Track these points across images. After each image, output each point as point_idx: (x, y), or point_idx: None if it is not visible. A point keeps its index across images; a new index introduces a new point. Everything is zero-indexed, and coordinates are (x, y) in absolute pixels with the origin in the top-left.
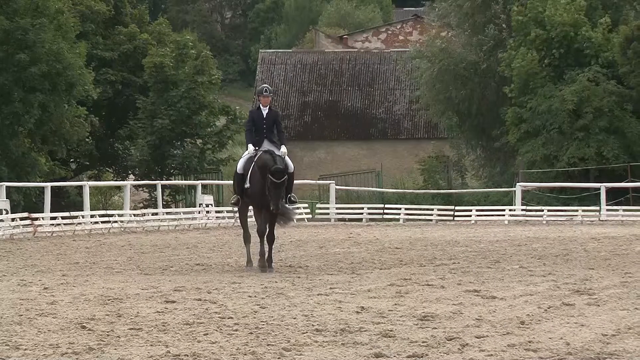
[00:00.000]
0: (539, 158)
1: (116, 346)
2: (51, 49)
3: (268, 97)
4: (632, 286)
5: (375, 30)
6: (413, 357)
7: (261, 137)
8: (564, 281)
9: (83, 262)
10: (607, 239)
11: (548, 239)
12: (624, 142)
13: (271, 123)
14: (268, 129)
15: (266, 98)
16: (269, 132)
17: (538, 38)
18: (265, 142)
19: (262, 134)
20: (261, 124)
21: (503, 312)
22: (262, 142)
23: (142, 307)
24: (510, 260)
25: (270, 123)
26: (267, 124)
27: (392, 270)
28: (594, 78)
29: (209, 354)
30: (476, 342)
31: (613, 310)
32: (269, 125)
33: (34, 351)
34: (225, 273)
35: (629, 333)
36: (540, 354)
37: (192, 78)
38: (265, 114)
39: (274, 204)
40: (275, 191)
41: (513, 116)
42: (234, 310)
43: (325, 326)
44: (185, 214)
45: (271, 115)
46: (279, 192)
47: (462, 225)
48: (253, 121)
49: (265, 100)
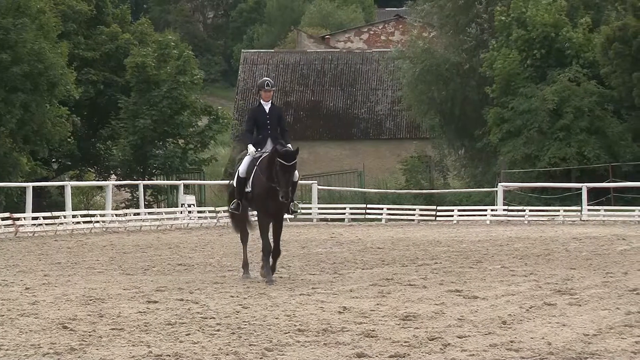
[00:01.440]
0: (520, 158)
1: (98, 346)
2: (33, 48)
3: (270, 91)
4: (614, 286)
5: (357, 30)
6: (395, 357)
7: (265, 135)
8: (546, 281)
9: (65, 262)
10: (588, 239)
11: (530, 239)
12: (605, 142)
13: (275, 120)
14: (272, 127)
15: (268, 92)
16: (274, 129)
17: (520, 38)
18: (269, 142)
19: (266, 132)
20: (264, 121)
21: (485, 312)
22: (265, 141)
23: (124, 307)
24: (492, 260)
25: (275, 120)
26: (271, 121)
27: (374, 270)
28: (575, 78)
29: (191, 354)
30: (458, 342)
31: (594, 310)
32: (273, 122)
33: (16, 351)
34: (208, 273)
35: (610, 333)
36: (522, 353)
37: (174, 78)
38: (268, 110)
39: (283, 191)
40: (285, 176)
41: (495, 116)
42: (216, 310)
43: (307, 326)
44: (168, 214)
45: (275, 111)
46: (288, 177)
47: (444, 225)
48: (255, 119)
49: (267, 94)
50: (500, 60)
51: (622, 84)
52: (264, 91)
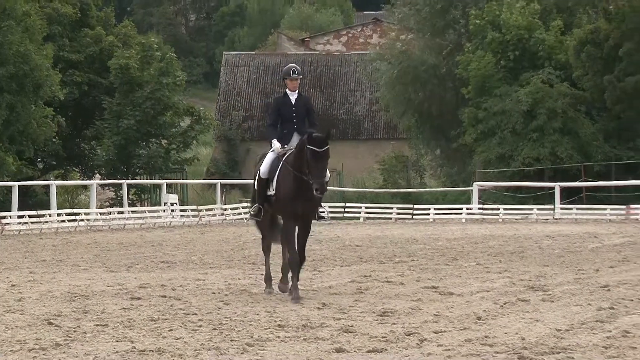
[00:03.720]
0: (494, 158)
1: (82, 342)
2: (18, 50)
3: (297, 80)
4: (585, 282)
5: (336, 33)
6: (373, 352)
7: (290, 129)
8: (519, 278)
9: (50, 260)
10: (561, 237)
11: (504, 237)
12: (578, 142)
13: (302, 111)
14: (299, 119)
15: (294, 81)
16: (300, 122)
17: (494, 41)
18: (296, 137)
19: (292, 126)
20: (290, 113)
21: (460, 308)
22: (291, 136)
23: (108, 303)
24: (467, 257)
25: (302, 111)
26: (297, 113)
27: (352, 268)
28: (548, 80)
29: (173, 350)
30: (434, 337)
31: (567, 306)
32: (299, 114)
33: (2, 347)
34: (190, 270)
35: (582, 328)
36: (496, 348)
37: (157, 79)
38: (294, 100)
39: (317, 182)
40: (317, 165)
41: (470, 117)
42: (198, 306)
43: (287, 322)
44: (151, 212)
45: (301, 101)
46: (322, 166)
47: (420, 224)
48: (279, 111)
49: (293, 83)
50: (475, 62)
51: (593, 86)
52: (289, 79)
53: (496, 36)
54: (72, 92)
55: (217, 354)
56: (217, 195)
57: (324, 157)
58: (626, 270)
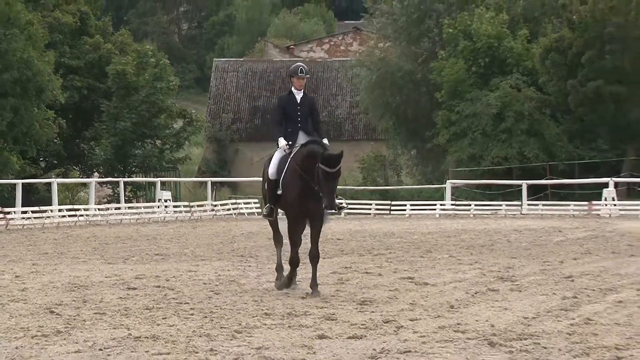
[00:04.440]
0: (466, 157)
1: (82, 329)
2: (22, 57)
3: (303, 79)
4: (551, 273)
5: (318, 41)
6: (353, 338)
7: (295, 128)
8: (489, 269)
9: (52, 253)
10: (528, 231)
11: (475, 231)
12: (543, 143)
13: (307, 111)
14: (303, 118)
15: (301, 80)
16: (305, 122)
17: (466, 49)
18: (301, 135)
19: (297, 125)
20: (295, 112)
21: (434, 297)
22: (296, 135)
23: (106, 293)
24: (441, 250)
25: (306, 111)
26: (302, 112)
27: (334, 260)
28: (516, 85)
29: (167, 336)
30: (410, 324)
31: (533, 295)
32: (304, 114)
33: (6, 334)
34: (182, 262)
35: (547, 316)
36: (467, 335)
37: (152, 84)
38: (300, 100)
39: (327, 200)
40: (328, 184)
41: (443, 119)
42: (190, 296)
43: (273, 310)
44: (146, 208)
45: (307, 101)
46: (333, 185)
47: (397, 219)
48: (283, 109)
49: (299, 82)
50: (448, 69)
51: (558, 91)
52: (296, 78)
53: (468, 44)
54: (72, 96)
55: (207, 340)
56: (208, 192)
57: (336, 177)
58: (588, 262)
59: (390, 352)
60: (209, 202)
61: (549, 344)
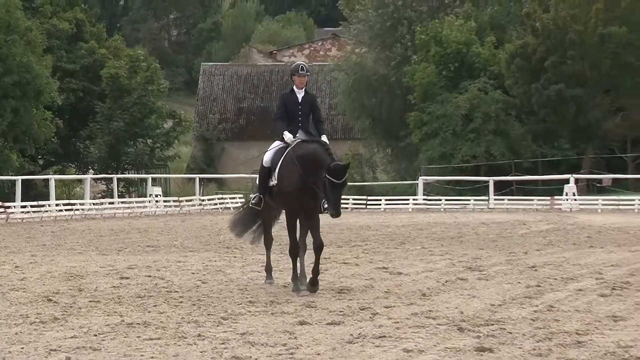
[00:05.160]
0: (437, 155)
1: (78, 316)
2: (21, 61)
3: (304, 77)
4: (516, 264)
5: (299, 46)
6: (332, 324)
7: (295, 126)
8: (459, 259)
9: (49, 244)
10: (494, 224)
11: (445, 224)
12: (509, 142)
13: (307, 109)
14: (304, 116)
15: (302, 78)
16: (305, 119)
17: (437, 54)
18: (300, 133)
19: (297, 123)
20: (295, 110)
21: (407, 286)
22: (296, 132)
23: (100, 282)
24: (413, 242)
25: (307, 109)
26: (302, 110)
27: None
28: (483, 88)
29: (157, 322)
30: (385, 311)
31: (499, 284)
32: (304, 112)
33: (7, 321)
34: (172, 253)
35: (512, 303)
36: (438, 321)
37: (143, 87)
38: (301, 98)
39: (333, 208)
40: (334, 193)
41: (416, 120)
42: (179, 285)
43: (257, 298)
44: (138, 203)
45: (308, 99)
46: (338, 194)
47: (373, 213)
48: (285, 107)
49: (301, 80)
50: (420, 72)
51: (522, 93)
52: (297, 76)
53: (438, 50)
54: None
55: (195, 326)
56: (196, 188)
57: (342, 187)
58: (551, 252)
59: (366, 337)
60: (197, 197)
61: (514, 329)
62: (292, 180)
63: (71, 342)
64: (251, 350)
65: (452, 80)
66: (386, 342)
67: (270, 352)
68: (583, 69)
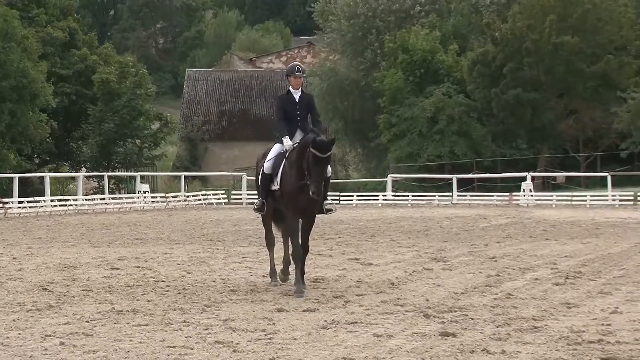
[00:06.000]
0: (405, 155)
1: (71, 304)
2: (18, 67)
3: (300, 78)
4: (477, 255)
5: (277, 54)
6: (307, 311)
7: (293, 127)
8: (425, 251)
9: (45, 237)
10: (457, 218)
11: (412, 218)
12: (471, 142)
13: (305, 109)
14: (302, 117)
15: (298, 79)
16: (303, 120)
17: (404, 61)
18: (298, 134)
19: (295, 123)
20: (294, 111)
21: (377, 276)
22: (294, 133)
23: (92, 272)
24: (383, 235)
25: (304, 109)
26: (300, 111)
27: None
28: (447, 92)
29: (145, 310)
30: (357, 299)
31: (462, 273)
32: (302, 112)
33: (5, 308)
34: (159, 246)
35: (474, 291)
36: (406, 308)
37: (132, 91)
38: (298, 98)
39: (314, 185)
40: (317, 169)
41: (385, 122)
42: (165, 275)
43: (238, 287)
44: (127, 199)
45: (305, 99)
46: (321, 170)
47: (345, 208)
48: (283, 108)
49: (296, 81)
50: (388, 78)
51: (483, 97)
52: (293, 77)
53: (405, 57)
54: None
55: (181, 313)
56: (181, 185)
57: (325, 162)
58: (509, 244)
59: (339, 323)
60: (182, 194)
61: (476, 315)
62: (292, 182)
63: (65, 328)
64: (233, 335)
65: (418, 85)
66: (358, 328)
67: (250, 337)
68: (538, 74)
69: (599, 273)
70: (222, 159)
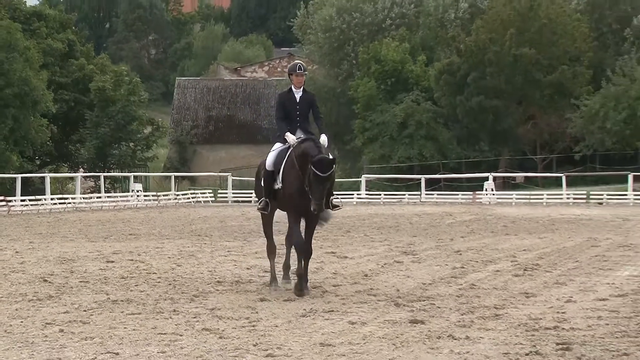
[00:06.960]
0: (377, 157)
1: (70, 294)
2: (21, 76)
3: (302, 76)
4: (443, 248)
5: (260, 64)
6: (288, 300)
7: (294, 126)
8: (396, 245)
9: (45, 233)
10: (425, 215)
11: (384, 215)
12: (437, 145)
13: (306, 108)
14: (302, 116)
15: (300, 77)
16: (304, 119)
17: (376, 70)
18: (299, 132)
19: (295, 122)
20: (294, 110)
21: (352, 268)
22: (294, 132)
23: (89, 265)
24: (357, 230)
25: (305, 108)
26: (301, 110)
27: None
28: (416, 100)
29: (138, 300)
30: (333, 289)
31: (430, 266)
32: (303, 111)
33: (8, 298)
34: (151, 240)
35: (441, 282)
36: (378, 297)
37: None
38: (299, 97)
39: (315, 202)
40: (318, 187)
41: (359, 126)
42: (157, 267)
43: (224, 279)
44: (122, 197)
45: (306, 98)
46: (322, 188)
47: None
48: (283, 107)
49: (298, 79)
50: (362, 86)
51: (449, 104)
52: (295, 75)
53: (378, 67)
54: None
55: (171, 303)
56: (172, 184)
57: (327, 181)
58: (473, 239)
59: (317, 311)
60: (173, 193)
61: (442, 304)
62: (294, 182)
63: (64, 317)
64: (219, 323)
65: (390, 93)
66: (334, 316)
67: (235, 325)
68: (499, 83)
69: (555, 265)
70: (210, 160)
